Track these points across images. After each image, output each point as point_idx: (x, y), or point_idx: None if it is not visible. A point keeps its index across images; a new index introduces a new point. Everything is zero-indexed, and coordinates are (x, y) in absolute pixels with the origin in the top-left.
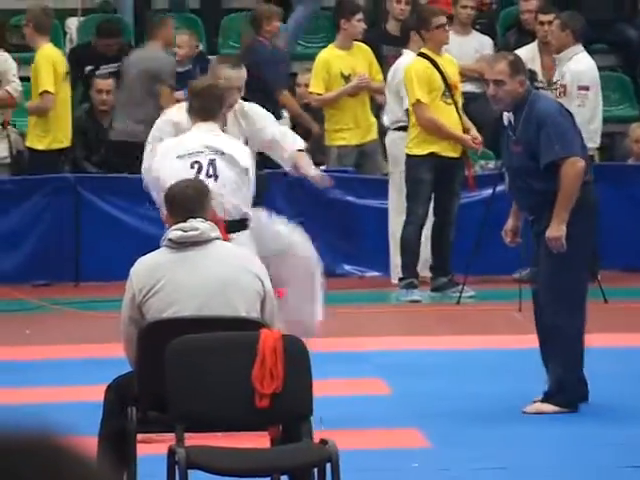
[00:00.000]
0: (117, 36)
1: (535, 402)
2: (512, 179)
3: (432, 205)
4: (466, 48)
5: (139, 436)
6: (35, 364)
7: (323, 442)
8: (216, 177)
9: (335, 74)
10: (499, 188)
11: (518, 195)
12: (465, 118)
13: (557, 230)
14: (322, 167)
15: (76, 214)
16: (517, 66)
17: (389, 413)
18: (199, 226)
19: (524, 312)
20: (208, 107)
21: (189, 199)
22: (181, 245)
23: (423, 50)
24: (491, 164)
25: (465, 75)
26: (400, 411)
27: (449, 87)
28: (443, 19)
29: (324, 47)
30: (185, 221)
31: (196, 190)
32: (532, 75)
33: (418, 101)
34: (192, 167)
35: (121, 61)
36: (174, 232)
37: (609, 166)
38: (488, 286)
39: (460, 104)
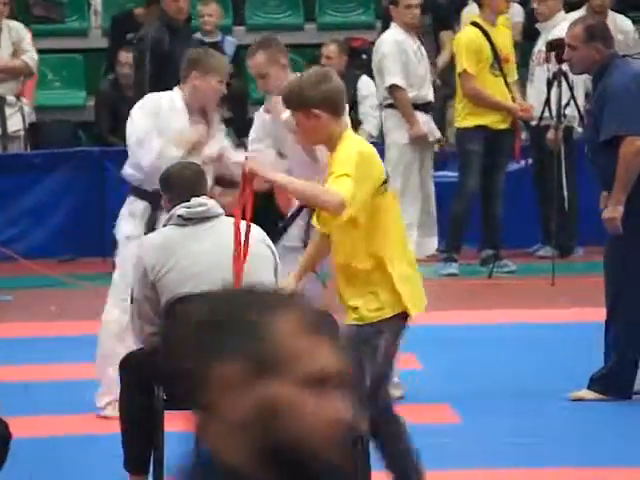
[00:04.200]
0: None
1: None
2: (586, 151)
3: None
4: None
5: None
6: (62, 340)
7: None
8: None
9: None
10: (530, 160)
11: (592, 167)
12: (515, 90)
13: (612, 211)
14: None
15: (101, 188)
16: (593, 32)
17: (420, 388)
18: (206, 202)
19: (557, 286)
20: None
21: (189, 180)
22: (189, 221)
23: (476, 19)
24: (523, 135)
25: None
26: (431, 387)
27: (498, 59)
28: None
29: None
30: (189, 200)
31: (193, 171)
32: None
33: (465, 71)
34: None
35: None
36: (181, 209)
37: None
38: (521, 260)
39: (511, 76)
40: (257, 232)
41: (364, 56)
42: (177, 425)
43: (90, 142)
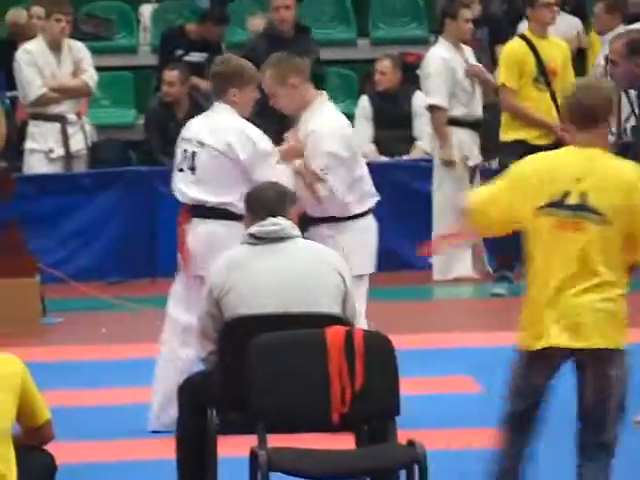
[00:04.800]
0: (227, 22)
1: None
2: None
3: None
4: (555, 30)
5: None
6: (113, 364)
7: (410, 443)
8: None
9: None
10: None
11: None
12: None
13: None
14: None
15: (151, 208)
16: (634, 47)
17: (479, 412)
18: (280, 222)
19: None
20: None
21: (270, 199)
22: (261, 240)
23: (525, 31)
24: None
25: None
26: (491, 410)
27: (545, 72)
28: None
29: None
30: (265, 219)
31: (276, 192)
32: None
33: (503, 85)
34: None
35: (212, 51)
36: (254, 228)
37: None
38: None
39: (560, 91)
40: (329, 257)
41: (418, 71)
42: (232, 450)
43: (140, 161)
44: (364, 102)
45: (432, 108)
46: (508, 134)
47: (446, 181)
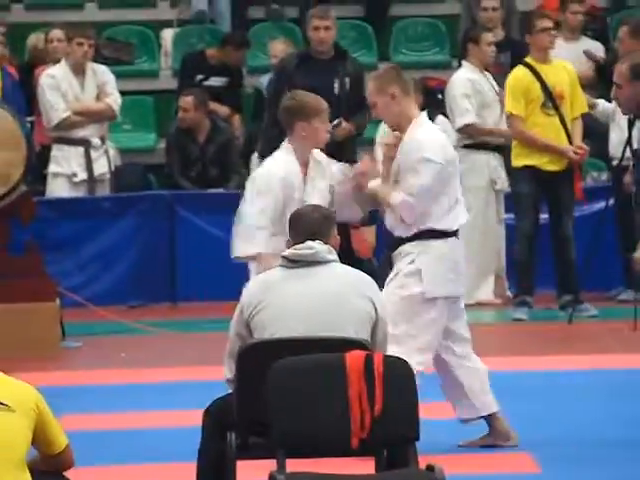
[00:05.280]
0: (247, 47)
1: None
2: (634, 192)
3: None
4: (576, 54)
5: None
6: (132, 388)
7: (430, 467)
8: None
9: None
10: (612, 201)
11: None
12: (578, 127)
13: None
14: None
15: (171, 232)
16: (638, 70)
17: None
18: (315, 246)
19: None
20: None
21: (311, 221)
22: (295, 263)
23: (527, 58)
24: (604, 176)
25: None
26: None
27: (552, 97)
28: (548, 22)
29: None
30: (303, 242)
31: (321, 214)
32: None
33: (510, 113)
34: None
35: (232, 75)
36: (289, 250)
37: None
38: (601, 304)
39: (572, 114)
40: (361, 284)
41: (440, 96)
42: (252, 474)
43: (160, 185)
44: (385, 126)
45: (466, 128)
46: (518, 159)
47: (473, 206)
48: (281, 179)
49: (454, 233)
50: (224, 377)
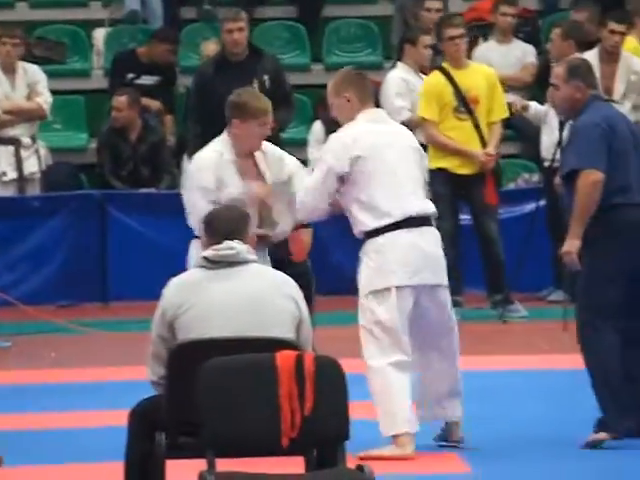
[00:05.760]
0: (174, 43)
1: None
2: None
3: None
4: (508, 57)
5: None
6: (62, 387)
7: (359, 467)
8: None
9: None
10: (543, 202)
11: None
12: (494, 132)
13: (567, 245)
14: None
15: (103, 232)
16: (575, 71)
17: (428, 436)
18: (235, 246)
19: (570, 331)
20: None
21: (229, 221)
22: (215, 264)
23: (443, 63)
24: (535, 177)
25: (507, 84)
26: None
27: (465, 101)
28: (454, 31)
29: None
30: (221, 243)
31: (238, 213)
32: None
33: (423, 118)
34: None
35: (164, 74)
36: (209, 251)
37: None
38: (532, 304)
39: (488, 118)
40: (283, 284)
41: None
42: (181, 474)
43: (91, 185)
44: (317, 126)
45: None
46: (432, 162)
47: None
48: (211, 164)
49: (395, 225)
50: (148, 379)
